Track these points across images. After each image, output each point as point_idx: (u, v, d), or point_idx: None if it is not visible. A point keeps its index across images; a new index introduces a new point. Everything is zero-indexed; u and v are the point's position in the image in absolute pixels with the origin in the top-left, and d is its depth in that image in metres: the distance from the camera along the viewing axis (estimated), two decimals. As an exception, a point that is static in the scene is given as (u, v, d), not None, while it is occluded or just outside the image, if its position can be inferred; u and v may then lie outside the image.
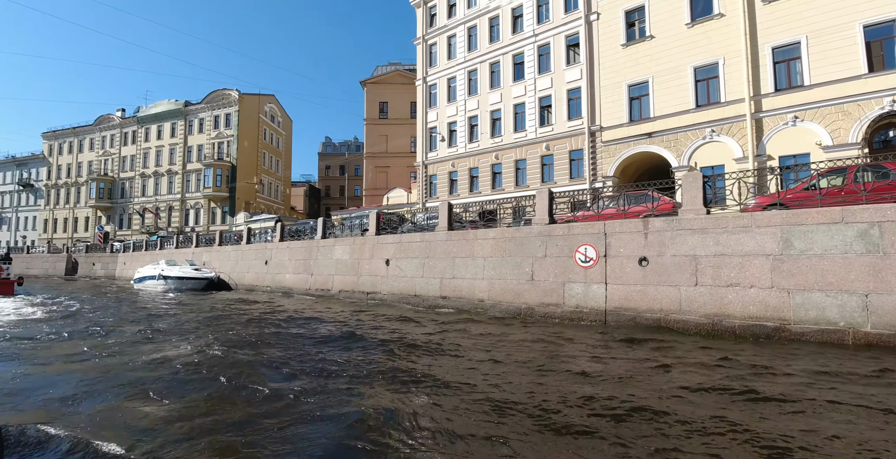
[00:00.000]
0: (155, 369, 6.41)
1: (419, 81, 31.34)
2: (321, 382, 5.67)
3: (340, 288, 16.77)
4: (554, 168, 24.33)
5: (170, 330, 9.93)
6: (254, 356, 7.12)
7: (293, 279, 19.09)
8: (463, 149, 28.29)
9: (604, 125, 22.77)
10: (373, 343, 8.22)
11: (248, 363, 6.65)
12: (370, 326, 10.25)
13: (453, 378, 5.77)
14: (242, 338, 8.74)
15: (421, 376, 5.94)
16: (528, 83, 25.52)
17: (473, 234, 12.91)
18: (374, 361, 6.91)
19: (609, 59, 22.90)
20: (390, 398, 5.05)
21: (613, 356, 7.14)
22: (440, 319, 11.33)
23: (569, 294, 10.76)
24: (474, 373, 6.13)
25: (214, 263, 24.84)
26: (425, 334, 9.27)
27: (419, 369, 6.33)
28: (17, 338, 9.04)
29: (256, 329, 9.75)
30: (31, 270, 42.98)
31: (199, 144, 49.42)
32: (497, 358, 6.95)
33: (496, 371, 6.21)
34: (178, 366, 6.51)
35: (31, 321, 11.64)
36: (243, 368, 6.33)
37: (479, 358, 6.97)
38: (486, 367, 6.48)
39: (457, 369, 6.39)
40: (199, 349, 7.53)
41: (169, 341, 8.65)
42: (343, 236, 18.27)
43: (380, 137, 44.91)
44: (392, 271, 14.94)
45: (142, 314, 12.79)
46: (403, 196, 32.82)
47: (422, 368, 6.40)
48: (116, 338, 9.11)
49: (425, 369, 6.35)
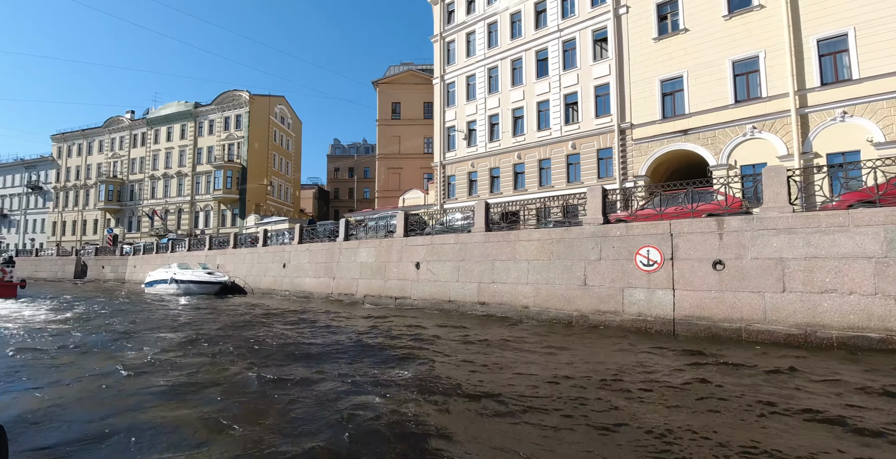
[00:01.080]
0: (198, 394, 5.48)
1: (436, 80, 30.50)
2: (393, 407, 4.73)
3: (366, 293, 15.84)
4: (581, 168, 23.36)
5: (196, 343, 9.02)
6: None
7: (313, 283, 18.19)
8: (483, 148, 27.37)
9: (635, 122, 21.80)
10: (449, 365, 7.22)
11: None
12: (429, 340, 9.24)
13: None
14: (290, 354, 7.74)
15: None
16: (552, 80, 24.59)
17: (515, 235, 11.96)
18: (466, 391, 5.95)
19: (640, 53, 21.95)
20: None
21: (729, 382, 5.93)
22: (494, 331, 10.32)
23: (629, 301, 9.77)
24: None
25: (229, 266, 24.00)
26: (499, 346, 8.30)
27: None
28: (36, 350, 8.16)
29: (299, 346, 8.76)
30: (39, 273, 42.41)
31: (209, 145, 48.81)
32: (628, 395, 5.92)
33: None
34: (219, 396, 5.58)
35: (51, 329, 10.77)
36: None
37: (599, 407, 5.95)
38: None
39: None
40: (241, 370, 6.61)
41: (206, 356, 7.74)
42: (367, 238, 17.35)
43: (392, 139, 44.10)
44: (423, 274, 14.00)
45: (162, 325, 11.86)
46: (420, 197, 31.92)
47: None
48: (141, 352, 8.21)
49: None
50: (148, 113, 53.33)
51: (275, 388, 5.56)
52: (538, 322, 10.83)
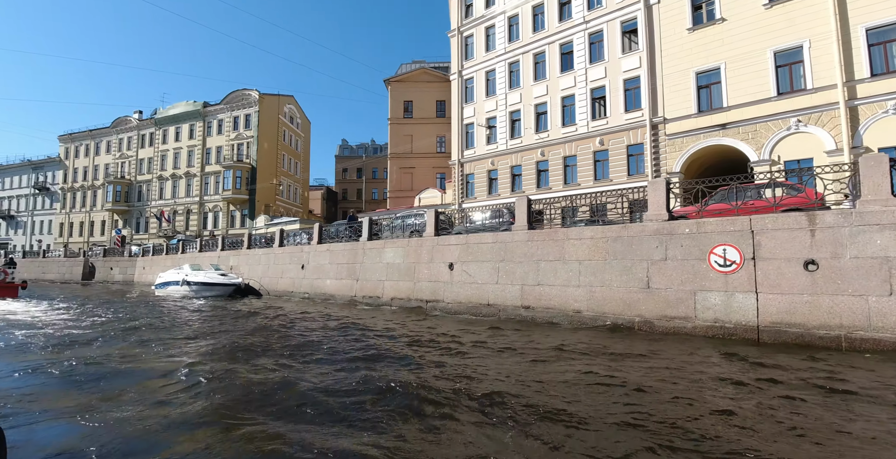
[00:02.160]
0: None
1: (454, 75, 29.62)
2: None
3: (393, 295, 14.90)
4: (609, 164, 22.37)
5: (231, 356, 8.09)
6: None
7: (335, 285, 17.27)
8: (504, 146, 26.43)
9: (668, 117, 20.81)
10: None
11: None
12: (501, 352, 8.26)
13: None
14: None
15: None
16: (577, 74, 23.64)
17: (564, 233, 10.99)
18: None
19: (673, 45, 20.97)
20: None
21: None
22: (549, 338, 9.34)
23: (703, 306, 8.78)
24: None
25: (243, 267, 23.12)
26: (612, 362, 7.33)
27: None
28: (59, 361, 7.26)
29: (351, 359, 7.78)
30: (46, 274, 41.76)
31: (218, 145, 48.11)
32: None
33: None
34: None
35: (74, 335, 9.88)
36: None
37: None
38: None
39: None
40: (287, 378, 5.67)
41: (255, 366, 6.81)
42: (392, 238, 16.42)
43: (404, 137, 43.28)
44: (457, 276, 13.06)
45: (189, 334, 10.92)
46: (437, 196, 31.00)
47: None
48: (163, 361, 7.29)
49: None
50: (156, 113, 52.72)
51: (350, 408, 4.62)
52: (594, 328, 9.85)
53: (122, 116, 54.69)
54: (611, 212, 15.00)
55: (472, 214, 15.22)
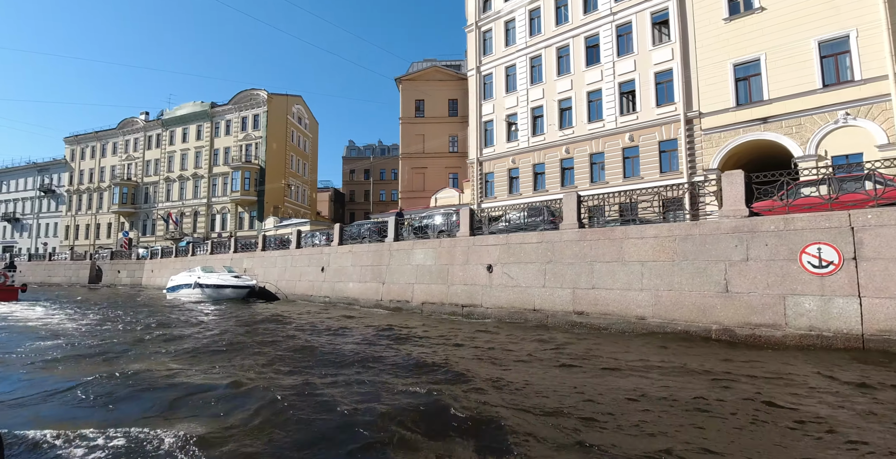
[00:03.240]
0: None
1: (471, 71, 28.73)
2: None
3: (424, 299, 13.96)
4: (639, 161, 21.41)
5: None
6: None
7: (359, 289, 16.34)
8: (525, 143, 25.50)
9: (703, 111, 19.85)
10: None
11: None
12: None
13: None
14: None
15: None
16: (604, 67, 22.71)
17: (622, 231, 10.04)
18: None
19: (708, 36, 20.03)
20: None
21: None
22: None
23: (794, 312, 7.81)
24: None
25: (257, 270, 22.24)
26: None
27: None
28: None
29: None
30: (52, 278, 41.01)
31: (226, 146, 47.34)
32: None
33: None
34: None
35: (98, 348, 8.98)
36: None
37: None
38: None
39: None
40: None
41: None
42: (419, 239, 15.48)
43: (416, 137, 42.39)
44: (497, 279, 12.11)
45: (231, 345, 9.88)
46: (454, 196, 30.08)
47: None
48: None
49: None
50: (162, 114, 52.03)
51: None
52: (662, 337, 8.88)
53: (129, 118, 54.02)
54: (645, 211, 14.05)
55: (509, 213, 14.23)
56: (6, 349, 8.43)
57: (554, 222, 13.01)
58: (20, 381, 6.17)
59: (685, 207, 15.11)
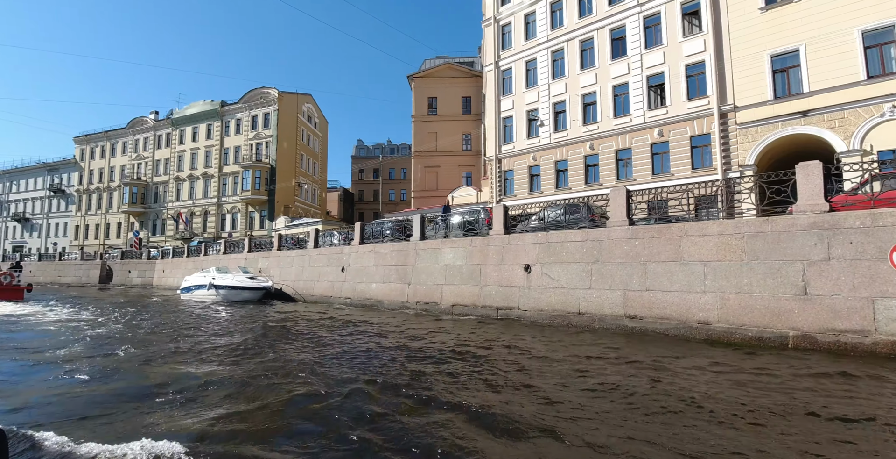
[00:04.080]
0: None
1: (489, 66, 27.96)
2: None
3: (454, 301, 13.25)
4: (669, 157, 20.57)
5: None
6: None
7: (382, 290, 15.65)
8: (547, 139, 24.71)
9: (739, 104, 19.01)
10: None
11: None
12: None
13: None
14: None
15: None
16: (631, 60, 21.90)
17: (680, 229, 9.27)
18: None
19: (743, 26, 19.18)
20: None
21: None
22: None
23: (884, 316, 7.02)
24: None
25: (273, 270, 21.62)
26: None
27: None
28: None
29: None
30: (63, 278, 40.71)
31: (237, 145, 46.89)
32: None
33: None
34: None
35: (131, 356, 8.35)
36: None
37: None
38: None
39: None
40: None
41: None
42: (448, 237, 14.77)
43: (429, 135, 41.74)
44: (536, 280, 11.37)
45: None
46: (472, 195, 29.33)
47: None
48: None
49: None
50: (172, 113, 51.67)
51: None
52: (729, 343, 8.12)
53: (138, 117, 53.74)
54: (674, 209, 13.27)
55: (547, 209, 13.47)
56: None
57: (594, 220, 12.28)
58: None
59: (718, 205, 14.34)
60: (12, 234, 61.15)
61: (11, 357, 7.81)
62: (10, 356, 7.96)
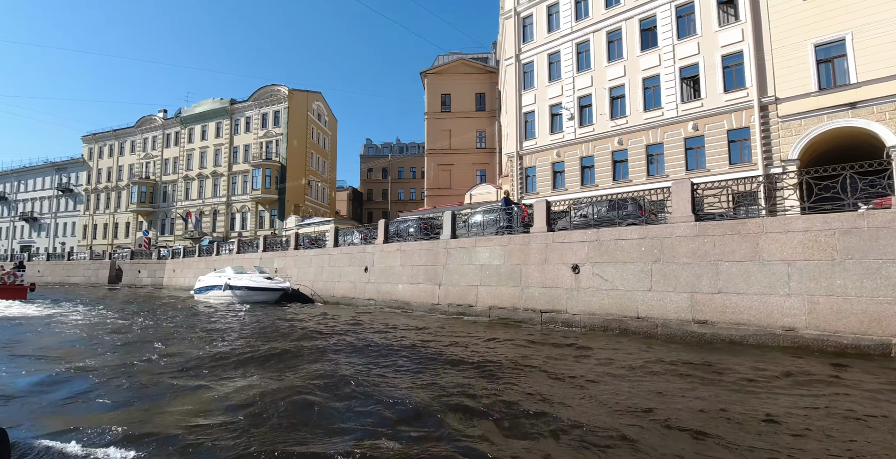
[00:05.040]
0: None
1: (509, 60, 27.12)
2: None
3: (491, 304, 12.43)
4: (705, 152, 19.68)
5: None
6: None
7: (410, 291, 14.86)
8: (572, 134, 23.85)
9: (780, 96, 18.09)
10: None
11: None
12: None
13: None
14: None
15: None
16: (663, 51, 21.01)
17: (757, 224, 8.42)
18: None
19: (784, 14, 18.26)
20: None
21: None
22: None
23: None
24: None
25: (290, 270, 20.87)
26: None
27: None
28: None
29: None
30: (71, 278, 40.18)
31: (246, 143, 46.24)
32: None
33: None
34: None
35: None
36: None
37: None
38: None
39: None
40: None
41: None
42: (483, 235, 13.95)
43: (442, 133, 40.97)
44: (586, 281, 10.54)
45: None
46: (491, 193, 28.52)
47: None
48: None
49: None
50: (181, 112, 51.11)
51: None
52: (821, 352, 7.27)
53: (147, 115, 53.22)
54: (712, 207, 12.39)
55: (589, 207, 12.62)
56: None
57: (643, 216, 11.46)
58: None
59: (759, 202, 13.45)
60: (20, 233, 60.84)
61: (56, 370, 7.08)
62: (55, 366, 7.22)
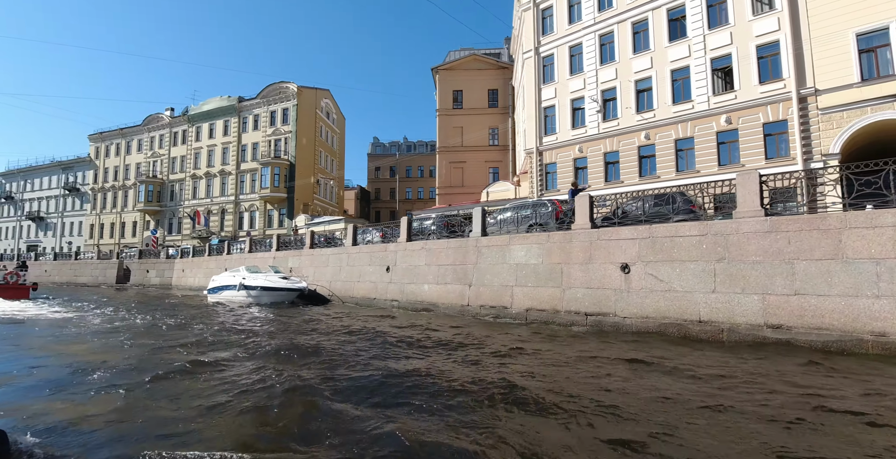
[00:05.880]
0: None
1: (529, 53, 26.33)
2: None
3: (528, 306, 11.68)
4: (739, 146, 18.86)
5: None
6: None
7: (437, 292, 14.12)
8: (595, 129, 23.06)
9: (820, 87, 17.25)
10: None
11: None
12: None
13: None
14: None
15: None
16: (692, 42, 20.20)
17: (839, 219, 7.64)
18: None
19: (823, 2, 17.41)
20: None
21: None
22: None
23: None
24: None
25: (306, 270, 20.18)
26: None
27: None
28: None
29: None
30: (79, 277, 39.62)
31: (254, 141, 45.65)
32: None
33: None
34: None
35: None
36: None
37: None
38: None
39: None
40: None
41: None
42: (515, 233, 13.20)
43: (454, 130, 40.22)
44: (638, 281, 9.77)
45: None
46: (509, 190, 27.72)
47: None
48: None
49: None
50: (188, 110, 50.56)
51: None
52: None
53: (154, 114, 52.71)
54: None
55: (630, 202, 11.84)
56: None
57: (693, 212, 10.67)
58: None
59: (798, 198, 12.62)
60: (27, 233, 60.50)
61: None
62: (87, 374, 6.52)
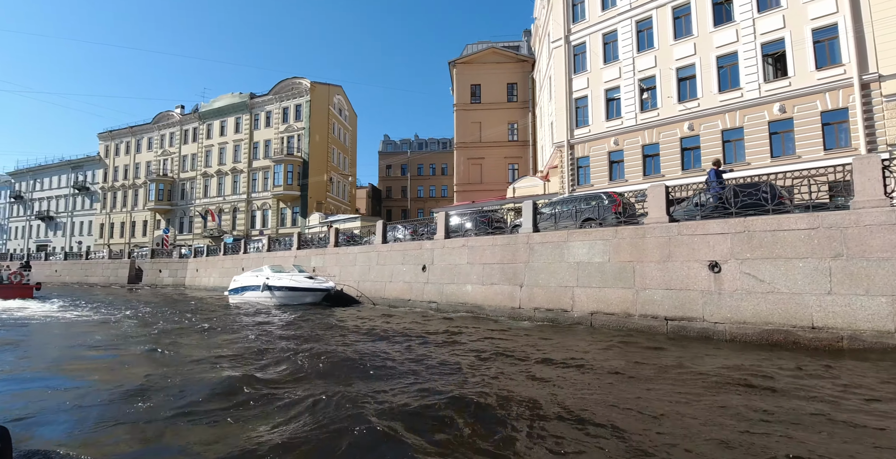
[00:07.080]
0: None
1: (558, 42, 25.16)
2: None
3: (593, 308, 10.58)
4: (794, 136, 17.65)
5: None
6: None
7: (482, 293, 13.05)
8: (632, 120, 21.89)
9: (884, 73, 16.02)
10: None
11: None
12: None
13: None
14: None
15: None
16: (741, 26, 18.99)
17: None
18: None
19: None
20: None
21: None
22: None
23: None
24: None
25: (331, 269, 19.17)
26: None
27: None
28: None
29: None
30: (90, 277, 38.86)
31: (267, 139, 44.75)
32: None
33: None
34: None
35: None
36: None
37: None
38: None
39: None
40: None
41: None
42: (574, 228, 12.09)
43: (472, 125, 39.13)
44: (731, 282, 8.65)
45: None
46: (538, 186, 26.58)
47: None
48: None
49: None
50: (199, 107, 49.73)
51: None
52: None
53: (164, 111, 51.93)
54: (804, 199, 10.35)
55: (701, 194, 10.72)
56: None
57: (783, 203, 9.51)
58: None
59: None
60: (36, 233, 59.97)
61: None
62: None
